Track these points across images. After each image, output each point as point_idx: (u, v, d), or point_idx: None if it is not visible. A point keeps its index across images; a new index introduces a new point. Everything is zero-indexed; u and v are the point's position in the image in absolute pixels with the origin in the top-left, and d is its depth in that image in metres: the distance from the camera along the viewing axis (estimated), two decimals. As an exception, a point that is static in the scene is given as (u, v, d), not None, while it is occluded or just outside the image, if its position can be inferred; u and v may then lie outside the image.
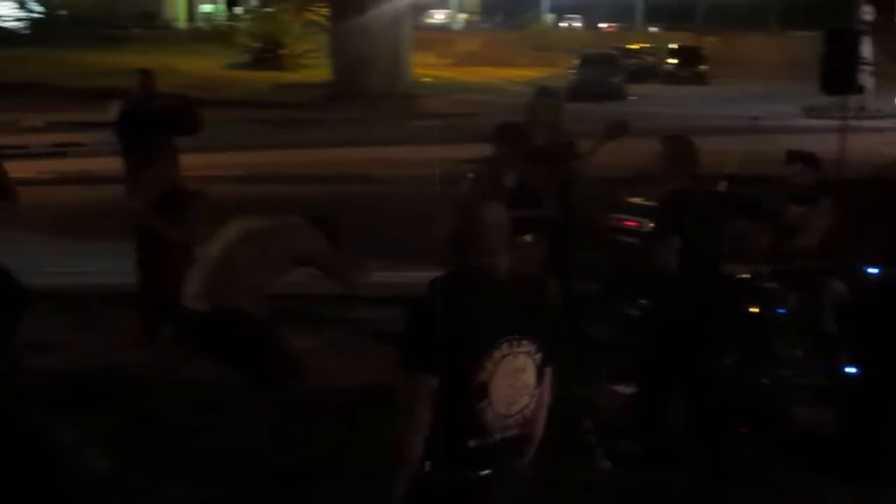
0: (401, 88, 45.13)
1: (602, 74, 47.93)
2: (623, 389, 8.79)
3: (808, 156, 9.42)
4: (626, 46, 61.94)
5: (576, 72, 49.17)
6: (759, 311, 8.55)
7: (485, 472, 4.31)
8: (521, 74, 54.25)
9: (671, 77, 57.26)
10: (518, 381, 4.33)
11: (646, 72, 58.16)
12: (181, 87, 31.47)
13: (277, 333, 7.73)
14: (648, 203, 10.17)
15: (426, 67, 55.99)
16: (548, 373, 4.52)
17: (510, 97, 34.56)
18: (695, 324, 7.51)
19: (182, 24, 74.88)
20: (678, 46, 61.14)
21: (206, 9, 79.05)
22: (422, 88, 47.91)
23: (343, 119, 35.88)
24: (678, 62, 58.43)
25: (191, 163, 10.77)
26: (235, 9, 76.95)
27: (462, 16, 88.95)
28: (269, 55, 53.79)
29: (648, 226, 9.97)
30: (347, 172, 22.54)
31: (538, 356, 4.39)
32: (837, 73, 13.48)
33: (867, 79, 30.84)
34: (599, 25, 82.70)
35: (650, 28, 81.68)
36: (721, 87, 51.89)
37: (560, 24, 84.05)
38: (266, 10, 61.48)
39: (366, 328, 10.89)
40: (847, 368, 8.30)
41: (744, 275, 8.62)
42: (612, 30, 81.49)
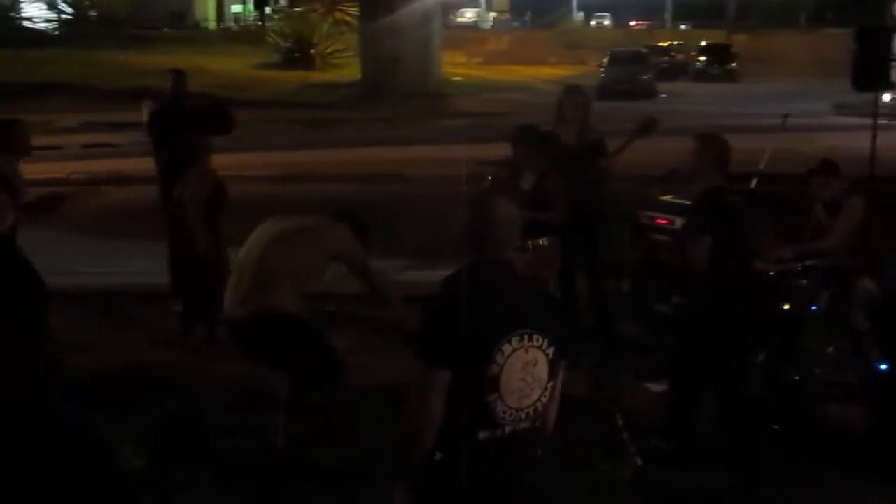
0: (430, 87, 45.21)
1: (632, 72, 47.77)
2: (654, 387, 8.81)
3: (828, 167, 9.28)
4: (657, 44, 61.88)
5: (605, 70, 49.09)
6: (791, 309, 8.53)
7: (494, 464, 4.36)
8: (551, 73, 54.22)
9: (701, 75, 57.05)
10: (529, 376, 4.37)
11: (676, 70, 58.07)
12: (211, 87, 31.70)
13: (323, 333, 7.76)
14: (680, 201, 10.15)
15: (456, 66, 56.04)
16: (562, 367, 4.56)
17: (540, 96, 34.56)
18: (727, 322, 7.51)
19: (212, 25, 75.18)
20: (708, 44, 60.95)
21: (236, 9, 79.31)
22: (451, 87, 47.91)
23: (373, 118, 35.89)
24: (708, 60, 58.16)
25: (221, 163, 10.78)
26: (265, 9, 77.26)
27: (491, 14, 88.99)
28: (299, 55, 53.82)
29: (680, 224, 9.98)
30: (378, 172, 22.56)
31: (550, 350, 4.42)
32: (869, 71, 13.42)
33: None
34: (630, 23, 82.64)
35: (680, 26, 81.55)
36: (751, 85, 51.67)
37: (590, 23, 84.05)
38: (295, 10, 61.66)
39: (394, 327, 10.87)
40: (878, 365, 8.28)
41: (773, 272, 8.60)
42: (642, 27, 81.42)
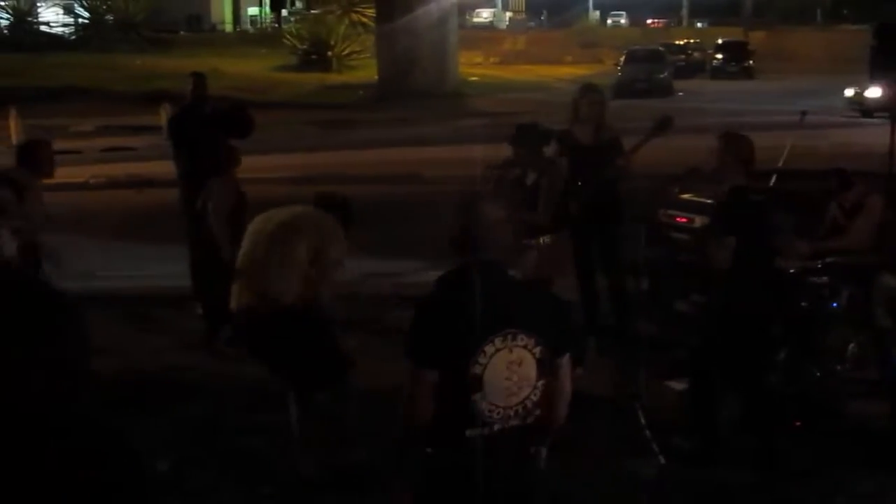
0: (447, 88, 45.27)
1: (649, 71, 47.82)
2: (676, 386, 8.81)
3: (845, 176, 9.25)
4: (673, 42, 61.94)
5: (622, 68, 49.09)
6: (812, 306, 8.52)
7: (484, 460, 4.43)
8: (568, 72, 54.25)
9: (718, 72, 57.07)
10: (515, 375, 4.45)
11: (693, 67, 58.14)
12: (229, 90, 31.78)
13: (332, 331, 7.72)
14: (700, 199, 10.15)
15: (472, 66, 56.14)
16: (563, 364, 4.62)
17: (557, 95, 34.51)
18: (748, 319, 7.51)
19: (228, 28, 75.42)
20: (725, 41, 60.98)
21: (253, 12, 79.53)
22: (468, 87, 47.97)
23: (390, 119, 35.94)
24: (725, 57, 58.15)
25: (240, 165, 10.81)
26: (282, 11, 77.46)
27: (507, 14, 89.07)
28: (316, 57, 53.96)
29: (699, 222, 9.98)
30: (395, 172, 22.58)
31: (537, 350, 4.47)
32: (887, 67, 13.38)
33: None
34: (646, 21, 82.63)
35: (697, 23, 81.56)
36: (768, 82, 51.61)
37: (606, 22, 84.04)
38: (312, 12, 61.80)
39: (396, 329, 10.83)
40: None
41: (794, 269, 8.59)
42: (659, 26, 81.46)
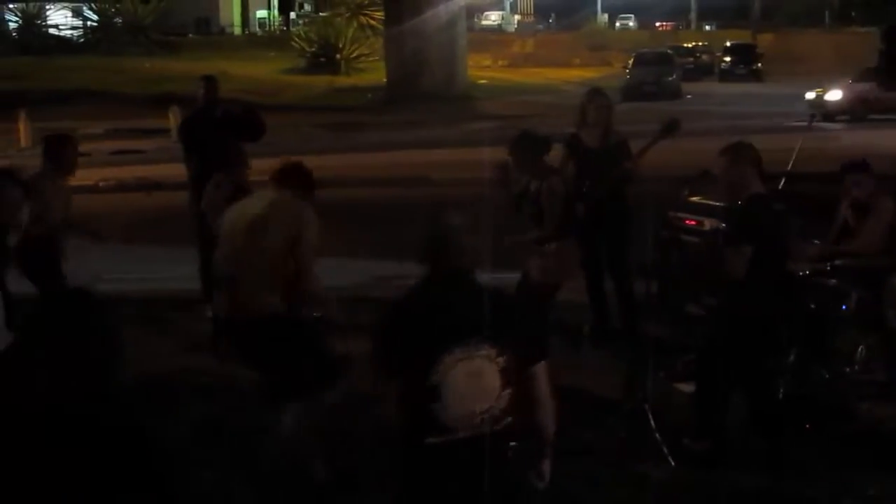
0: (456, 91, 45.29)
1: (657, 73, 47.86)
2: (685, 388, 8.79)
3: (861, 164, 9.22)
4: (682, 45, 61.93)
5: (631, 71, 49.11)
6: (821, 309, 8.50)
7: (450, 466, 4.48)
8: (577, 75, 54.31)
9: (727, 75, 57.14)
10: (476, 384, 4.45)
11: (701, 70, 58.18)
12: (238, 93, 31.73)
13: (319, 334, 7.57)
14: (709, 202, 10.14)
15: (481, 69, 56.11)
16: (537, 372, 4.63)
17: (566, 98, 34.56)
18: (758, 322, 7.50)
19: (237, 30, 75.45)
20: (733, 44, 61.04)
21: (261, 14, 79.58)
22: (477, 90, 47.96)
23: (398, 122, 35.94)
24: (733, 60, 58.20)
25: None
26: (290, 14, 77.54)
27: (516, 17, 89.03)
28: (325, 59, 54.03)
29: (709, 225, 9.96)
30: (404, 175, 22.58)
31: (500, 359, 4.48)
32: (896, 69, 13.39)
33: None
34: (654, 24, 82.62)
35: (705, 26, 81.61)
36: (777, 85, 51.53)
37: (614, 24, 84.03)
38: (321, 15, 61.84)
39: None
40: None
41: (804, 272, 8.58)
42: (667, 28, 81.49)
